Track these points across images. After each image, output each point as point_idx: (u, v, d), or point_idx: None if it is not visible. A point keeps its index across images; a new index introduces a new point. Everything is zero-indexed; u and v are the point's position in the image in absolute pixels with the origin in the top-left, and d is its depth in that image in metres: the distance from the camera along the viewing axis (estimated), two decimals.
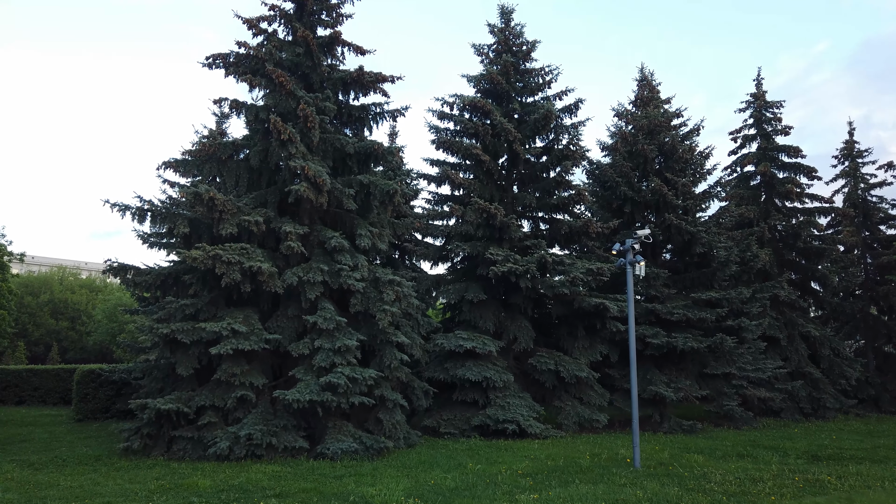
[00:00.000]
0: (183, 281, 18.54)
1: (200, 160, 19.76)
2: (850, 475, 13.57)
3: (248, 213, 17.88)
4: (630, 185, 26.45)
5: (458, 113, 25.19)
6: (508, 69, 25.12)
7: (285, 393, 15.97)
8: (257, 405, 16.87)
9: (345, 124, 21.59)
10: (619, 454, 16.71)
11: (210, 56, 19.66)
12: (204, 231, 18.42)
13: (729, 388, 23.93)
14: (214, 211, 17.35)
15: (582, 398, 22.57)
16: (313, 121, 18.52)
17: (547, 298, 23.29)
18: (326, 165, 19.17)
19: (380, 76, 20.61)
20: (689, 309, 23.85)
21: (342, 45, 20.95)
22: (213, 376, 17.15)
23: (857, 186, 35.54)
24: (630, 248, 15.95)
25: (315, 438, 17.02)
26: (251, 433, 15.53)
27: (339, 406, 16.38)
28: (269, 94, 19.73)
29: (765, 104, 33.14)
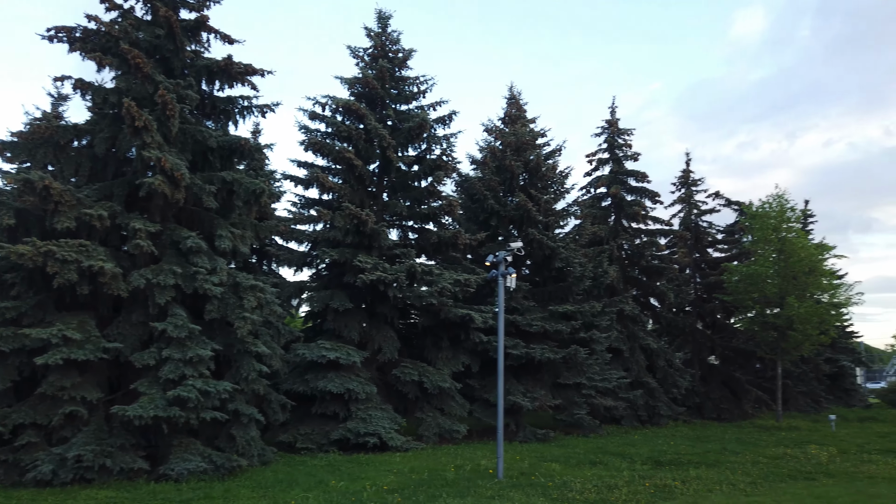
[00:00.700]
0: (3, 280, 16.14)
1: (33, 144, 17.36)
2: (692, 479, 14.67)
3: (89, 207, 15.92)
4: (497, 199, 27.12)
5: (330, 115, 24.41)
6: (384, 75, 24.76)
7: (125, 409, 14.32)
8: (89, 422, 14.98)
9: (207, 116, 20.05)
10: (481, 465, 16.86)
11: (52, 28, 17.40)
12: (34, 224, 16.16)
13: (579, 397, 25.20)
14: (49, 202, 15.27)
15: (443, 409, 22.63)
16: (173, 109, 16.94)
17: (413, 308, 23.15)
18: (185, 159, 17.61)
19: (250, 68, 19.36)
20: (547, 321, 24.83)
21: (209, 32, 19.47)
22: (36, 390, 15.03)
23: (691, 212, 39.18)
24: (503, 260, 16.20)
25: (157, 458, 15.46)
26: (81, 454, 13.75)
27: (187, 422, 15.01)
28: (121, 77, 17.81)
29: (617, 131, 35.59)
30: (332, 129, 24.07)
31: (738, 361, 37.30)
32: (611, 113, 36.08)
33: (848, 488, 13.97)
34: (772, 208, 33.57)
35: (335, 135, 24.23)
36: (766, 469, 16.55)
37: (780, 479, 15.09)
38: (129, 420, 14.42)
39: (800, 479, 15.13)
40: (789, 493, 13.38)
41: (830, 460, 18.10)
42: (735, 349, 36.54)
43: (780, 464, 17.57)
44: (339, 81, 25.47)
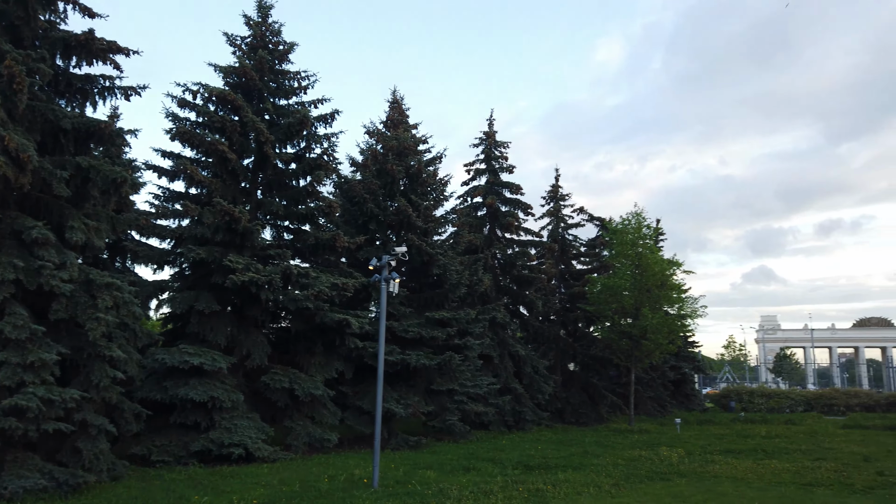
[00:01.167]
0: None
1: None
2: (561, 483, 15.20)
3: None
4: (377, 203, 26.81)
5: (202, 104, 22.92)
6: (263, 66, 23.68)
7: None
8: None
9: (61, 94, 18.02)
10: (355, 474, 16.42)
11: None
12: None
13: (451, 403, 25.43)
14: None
15: (314, 417, 21.88)
16: (21, 83, 14.98)
17: (287, 312, 22.21)
18: (33, 140, 15.69)
19: (114, 45, 17.67)
20: (424, 327, 24.86)
21: (66, 2, 17.56)
22: None
23: (559, 225, 41.15)
24: (386, 264, 15.94)
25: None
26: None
27: (25, 434, 13.29)
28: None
29: (494, 143, 36.61)
30: (203, 119, 22.60)
31: (596, 368, 39.54)
32: (489, 125, 37.06)
33: (699, 487, 15.13)
34: (630, 225, 36.07)
35: (207, 125, 22.77)
36: (626, 470, 17.56)
37: (639, 480, 16.06)
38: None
39: (656, 480, 16.19)
40: (649, 494, 14.25)
41: (680, 461, 19.57)
42: (593, 357, 38.71)
43: (637, 465, 18.72)
44: (212, 69, 24.07)
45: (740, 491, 14.63)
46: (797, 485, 15.54)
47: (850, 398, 55.91)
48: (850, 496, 14.26)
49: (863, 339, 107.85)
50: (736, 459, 20.48)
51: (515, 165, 36.51)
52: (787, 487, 15.20)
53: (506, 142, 36.55)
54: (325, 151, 23.78)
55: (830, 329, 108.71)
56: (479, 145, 36.85)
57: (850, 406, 53.67)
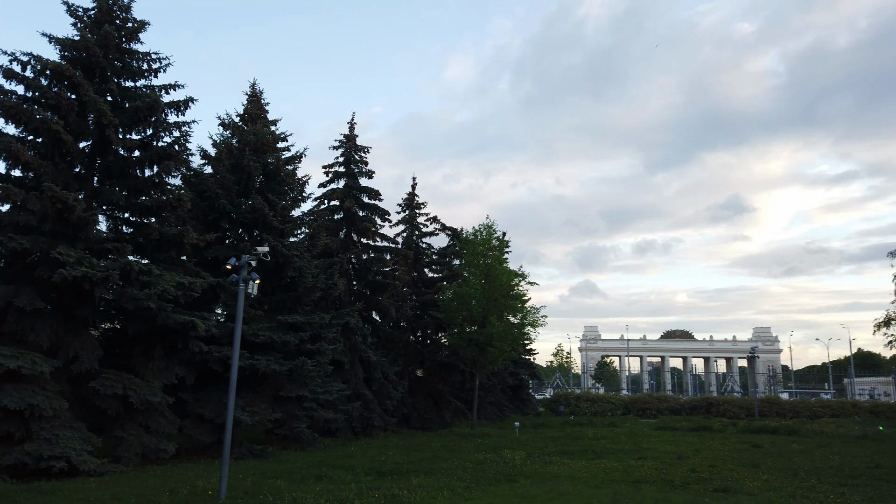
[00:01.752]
0: None
1: None
2: (416, 487, 15.39)
3: None
4: (230, 199, 25.51)
5: (32, 76, 20.50)
6: (109, 43, 21.68)
7: None
8: None
9: None
10: (197, 486, 15.43)
11: None
12: None
13: (300, 410, 24.79)
14: None
15: (150, 426, 20.24)
16: None
17: (123, 312, 20.32)
18: None
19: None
20: (275, 331, 24.00)
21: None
22: None
23: (413, 233, 41.81)
24: (246, 264, 15.23)
25: None
26: None
27: None
28: None
29: (355, 147, 36.42)
30: (33, 94, 20.24)
31: (442, 374, 40.59)
32: (349, 128, 36.83)
33: (542, 487, 16.08)
34: (481, 236, 37.58)
35: (37, 101, 20.41)
36: (475, 473, 18.20)
37: (488, 483, 16.72)
38: None
39: (503, 482, 16.95)
40: (499, 495, 14.90)
41: (523, 463, 20.66)
42: (440, 363, 39.73)
43: (484, 468, 19.48)
44: (47, 41, 21.65)
45: (579, 489, 15.77)
46: (627, 482, 17.06)
47: (661, 402, 62.40)
48: (672, 491, 15.92)
49: (668, 349, 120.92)
50: (571, 460, 22.04)
51: (375, 171, 36.58)
52: (619, 485, 16.63)
53: (366, 146, 36.55)
54: (176, 141, 22.21)
55: (642, 340, 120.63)
56: (339, 148, 36.48)
57: (660, 409, 59.82)
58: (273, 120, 29.76)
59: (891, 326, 45.73)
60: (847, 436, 35.36)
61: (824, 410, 57.34)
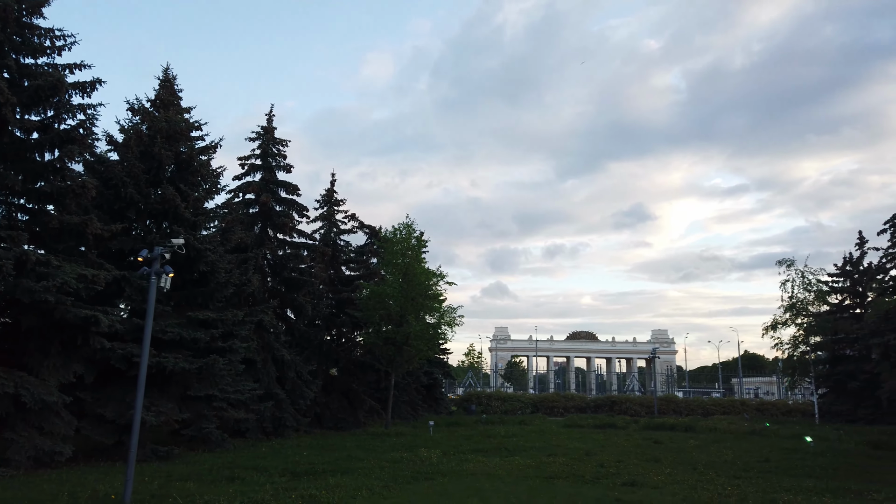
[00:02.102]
0: None
1: None
2: (333, 487, 15.19)
3: None
4: (138, 188, 24.19)
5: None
6: (8, 16, 20.06)
7: None
8: None
9: None
10: (99, 490, 14.58)
11: None
12: None
13: (209, 410, 23.88)
14: None
15: (43, 427, 18.88)
16: None
17: (17, 305, 18.80)
18: None
19: None
20: (185, 328, 23.00)
21: None
22: None
23: (331, 230, 41.20)
24: (159, 256, 14.52)
25: None
26: None
27: None
28: None
29: (273, 140, 35.46)
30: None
31: (356, 373, 40.21)
32: (268, 120, 35.85)
33: (459, 484, 16.28)
34: (400, 234, 37.55)
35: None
36: (392, 472, 18.18)
37: (406, 481, 16.74)
38: None
39: (421, 480, 17.01)
40: (418, 493, 14.96)
41: (439, 461, 20.83)
42: (355, 362, 39.36)
43: (400, 467, 19.48)
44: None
45: (496, 486, 16.08)
46: (540, 478, 17.58)
47: (568, 401, 64.67)
48: (584, 486, 16.54)
49: (573, 349, 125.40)
50: (486, 457, 22.44)
51: (293, 165, 35.75)
52: (533, 480, 17.11)
53: (285, 140, 35.70)
54: (81, 124, 20.81)
55: (549, 340, 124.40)
56: (256, 140, 35.42)
57: (567, 408, 61.96)
58: (187, 107, 28.38)
59: (777, 330, 49.63)
60: (738, 432, 38.00)
61: (716, 408, 61.36)
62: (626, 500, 14.57)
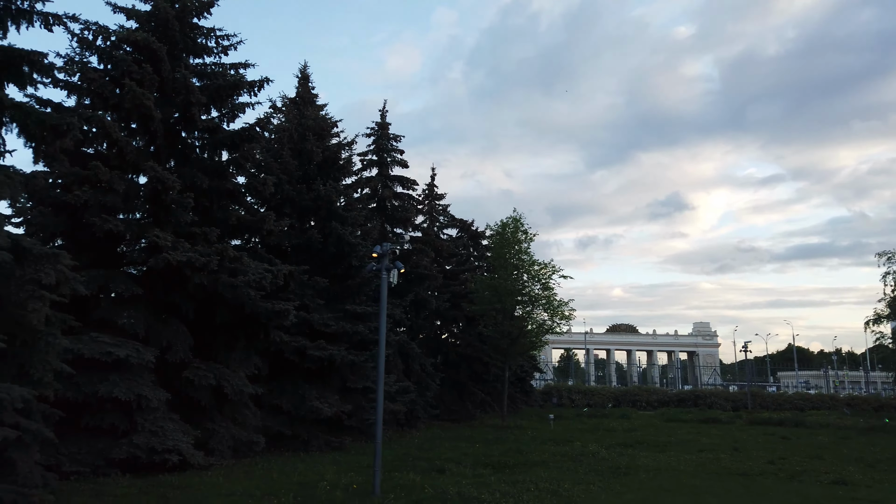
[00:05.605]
0: None
1: None
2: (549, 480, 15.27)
3: None
4: (292, 184, 24.75)
5: (106, 47, 19.41)
6: (185, 16, 20.70)
7: None
8: None
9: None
10: (339, 481, 14.95)
11: None
12: None
13: (366, 402, 24.32)
14: None
15: (236, 418, 19.56)
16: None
17: (211, 300, 19.28)
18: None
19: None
20: (344, 321, 23.49)
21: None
22: None
23: (433, 224, 41.42)
24: (388, 252, 14.83)
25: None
26: None
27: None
28: None
29: (387, 135, 35.80)
30: (112, 68, 19.11)
31: (462, 366, 40.42)
32: (381, 116, 36.19)
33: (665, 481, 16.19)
34: (509, 229, 37.51)
35: (112, 76, 19.27)
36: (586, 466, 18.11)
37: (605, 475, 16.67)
38: None
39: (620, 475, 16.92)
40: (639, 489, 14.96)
41: (609, 455, 20.75)
42: (464, 355, 39.54)
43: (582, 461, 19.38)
44: (110, 9, 20.54)
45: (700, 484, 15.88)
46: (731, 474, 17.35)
47: (650, 395, 63.82)
48: (793, 483, 16.27)
49: (614, 342, 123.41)
50: (636, 451, 22.15)
51: (408, 161, 36.02)
52: (733, 478, 16.88)
53: (399, 135, 35.98)
54: (258, 122, 21.27)
55: (589, 333, 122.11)
56: (372, 136, 35.80)
57: (650, 402, 61.08)
58: (322, 104, 28.99)
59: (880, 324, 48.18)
60: (856, 427, 36.82)
61: (805, 403, 59.83)
62: (862, 498, 14.29)
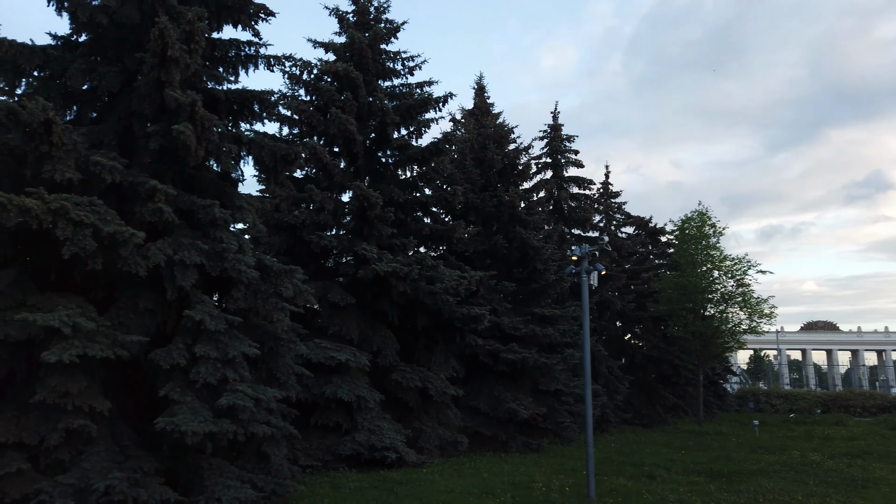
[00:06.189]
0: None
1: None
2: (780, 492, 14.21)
3: (91, 153, 12.00)
4: (475, 192, 25.52)
5: (310, 79, 21.46)
6: (376, 44, 22.23)
7: (174, 422, 10.74)
8: (96, 441, 11.15)
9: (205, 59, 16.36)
10: (551, 482, 15.15)
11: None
12: (4, 172, 11.84)
13: (559, 404, 24.33)
14: (43, 143, 11.19)
15: (440, 418, 20.53)
16: (199, 41, 13.42)
17: (419, 306, 20.38)
18: None
19: (264, 7, 16.03)
20: (533, 324, 23.71)
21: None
22: (15, 396, 10.92)
23: (610, 224, 40.39)
24: (588, 254, 14.79)
25: (182, 486, 11.91)
26: (111, 484, 10.06)
27: (234, 439, 11.72)
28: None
29: (560, 136, 35.62)
30: (321, 99, 21.08)
31: (648, 367, 38.90)
32: (553, 118, 36.10)
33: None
34: (695, 223, 35.42)
35: (317, 105, 21.22)
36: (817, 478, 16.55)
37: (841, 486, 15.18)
38: (180, 436, 10.80)
39: (858, 487, 15.33)
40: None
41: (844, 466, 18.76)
42: (650, 357, 38.06)
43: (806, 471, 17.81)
44: (311, 45, 22.66)
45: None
46: None
47: (866, 400, 56.66)
48: None
49: (811, 341, 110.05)
50: (887, 464, 19.65)
51: (583, 162, 35.57)
52: None
53: (572, 135, 35.67)
54: (446, 136, 22.30)
55: (780, 332, 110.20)
56: (544, 138, 35.86)
57: (865, 408, 54.32)
58: (497, 112, 29.61)
59: None
60: None
61: None
62: None
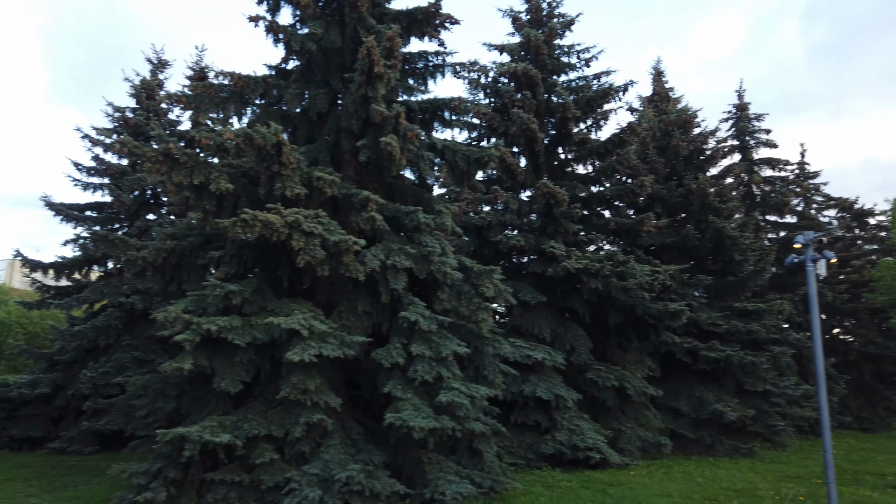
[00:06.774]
0: (191, 259, 13.31)
1: (219, 98, 14.53)
2: None
3: (313, 170, 13.08)
4: (660, 181, 24.32)
5: (488, 82, 21.73)
6: (552, 37, 22.06)
7: (401, 417, 11.39)
8: (331, 434, 12.10)
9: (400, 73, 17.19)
10: (779, 490, 13.98)
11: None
12: (242, 191, 13.27)
13: (768, 406, 22.36)
14: (274, 163, 12.39)
15: (638, 419, 19.78)
16: (398, 54, 14.13)
17: (603, 304, 19.93)
18: None
19: (449, 16, 16.40)
20: (734, 319, 22.05)
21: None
22: (261, 393, 12.18)
23: (809, 207, 36.48)
24: (813, 241, 13.42)
25: (406, 479, 12.53)
26: (351, 475, 10.84)
27: (452, 435, 12.13)
28: (317, 22, 14.94)
29: (748, 116, 32.91)
30: (502, 101, 21.30)
31: (868, 366, 34.57)
32: (738, 97, 33.43)
33: None
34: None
35: (506, 106, 21.38)
36: None
37: None
38: (408, 431, 11.41)
39: None
40: None
41: None
42: (864, 353, 33.83)
43: None
44: (486, 48, 22.95)
45: None
46: None
47: None
48: None
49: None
50: None
51: (776, 142, 32.53)
52: None
53: (762, 114, 32.74)
54: (629, 126, 21.50)
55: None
56: (729, 119, 33.32)
57: None
58: (678, 97, 28.03)
59: None
60: None
61: None
62: None
